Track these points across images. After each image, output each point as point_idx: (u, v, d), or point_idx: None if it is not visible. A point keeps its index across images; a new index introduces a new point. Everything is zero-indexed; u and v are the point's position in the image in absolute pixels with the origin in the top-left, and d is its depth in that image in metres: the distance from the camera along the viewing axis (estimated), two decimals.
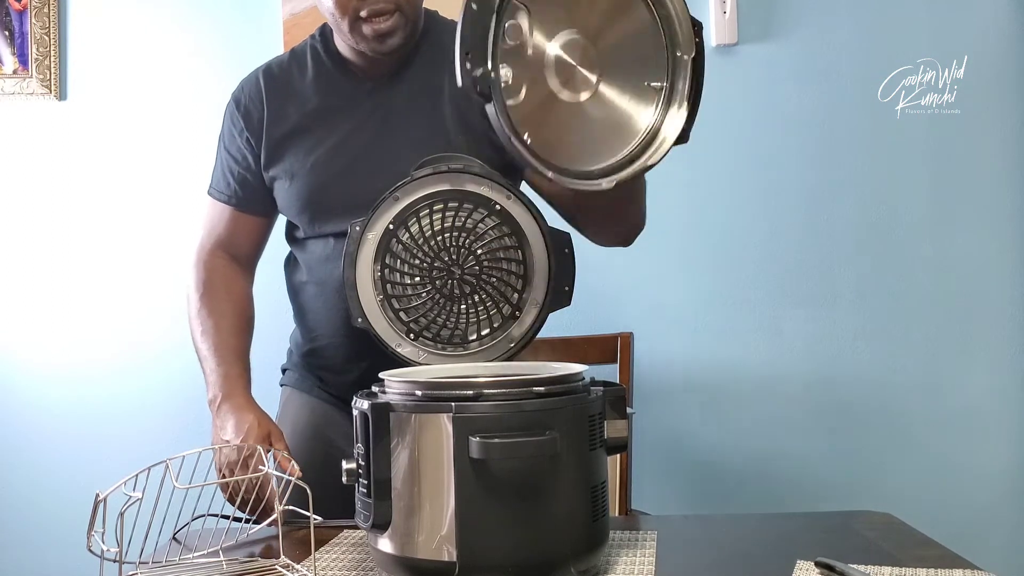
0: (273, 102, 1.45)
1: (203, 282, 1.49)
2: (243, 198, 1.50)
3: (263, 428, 1.31)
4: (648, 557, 1.07)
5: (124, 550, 0.95)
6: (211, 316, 1.46)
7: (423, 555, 0.93)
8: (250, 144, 1.47)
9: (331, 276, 1.41)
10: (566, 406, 0.95)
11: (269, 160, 1.45)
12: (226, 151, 1.51)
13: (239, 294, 1.51)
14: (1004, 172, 2.23)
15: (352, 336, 1.40)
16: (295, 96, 1.45)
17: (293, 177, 1.42)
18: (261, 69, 1.49)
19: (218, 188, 1.52)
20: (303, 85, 1.45)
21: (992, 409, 2.23)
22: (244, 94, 1.48)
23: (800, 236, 2.24)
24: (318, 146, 1.42)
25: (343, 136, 1.41)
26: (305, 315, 1.50)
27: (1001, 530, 2.23)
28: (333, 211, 1.40)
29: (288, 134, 1.44)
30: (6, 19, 2.30)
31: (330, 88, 1.44)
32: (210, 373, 1.41)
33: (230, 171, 1.50)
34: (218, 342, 1.43)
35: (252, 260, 1.56)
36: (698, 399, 2.24)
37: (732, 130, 2.23)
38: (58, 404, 2.32)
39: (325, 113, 1.43)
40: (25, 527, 2.32)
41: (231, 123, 1.49)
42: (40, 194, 2.34)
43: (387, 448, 0.95)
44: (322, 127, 1.42)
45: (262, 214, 1.52)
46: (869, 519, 1.24)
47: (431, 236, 1.23)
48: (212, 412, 1.38)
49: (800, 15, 2.23)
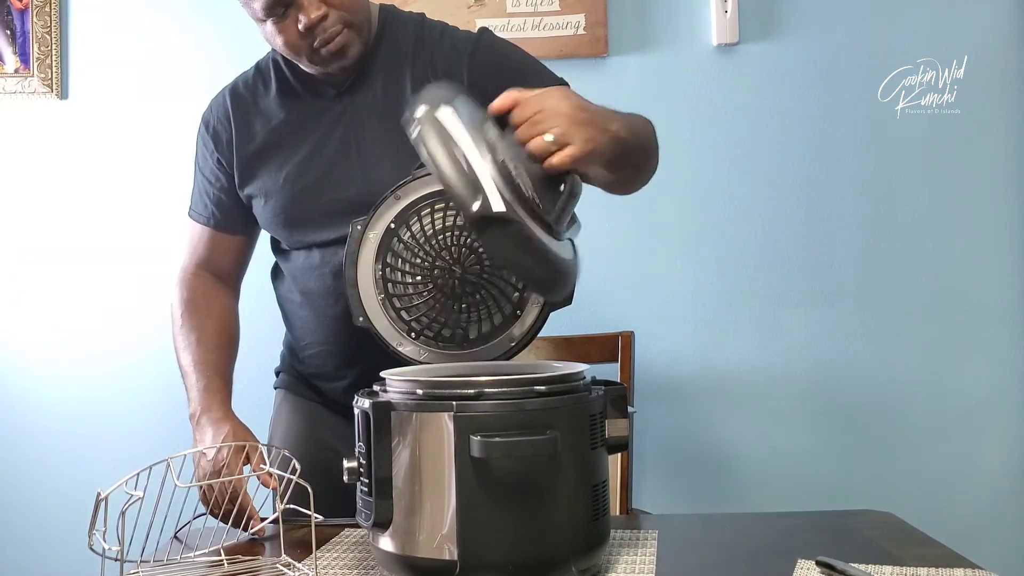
0: (240, 121, 1.45)
1: (184, 300, 1.49)
2: (221, 219, 1.50)
3: (239, 439, 1.31)
4: (649, 556, 1.07)
5: (125, 549, 0.95)
6: (192, 332, 1.46)
7: (424, 554, 0.94)
8: (221, 165, 1.47)
9: (316, 285, 1.41)
10: (567, 405, 0.95)
11: (243, 179, 1.45)
12: (201, 173, 1.51)
13: (220, 311, 1.51)
14: (1004, 172, 2.23)
15: (341, 344, 1.40)
16: (261, 113, 1.44)
17: (268, 195, 1.42)
18: (228, 88, 1.49)
19: (196, 210, 1.53)
20: (267, 101, 1.44)
21: (992, 408, 2.24)
22: (212, 115, 1.48)
23: (800, 236, 2.24)
24: (288, 161, 1.40)
25: (312, 148, 1.40)
26: (293, 324, 1.51)
27: (1001, 529, 2.23)
28: (311, 223, 1.39)
29: (258, 152, 1.43)
30: (7, 18, 2.30)
31: (294, 101, 1.43)
32: (190, 388, 1.42)
33: (206, 193, 1.51)
34: (198, 358, 1.43)
35: (236, 278, 1.57)
36: (699, 398, 2.24)
37: (732, 129, 2.23)
38: (58, 403, 2.32)
39: (292, 127, 1.42)
40: (25, 526, 2.32)
41: (203, 145, 1.50)
42: (41, 193, 2.34)
43: (388, 447, 0.95)
44: (290, 141, 1.41)
45: (242, 233, 1.52)
46: (870, 518, 1.24)
47: (432, 235, 1.22)
48: (192, 427, 1.38)
49: (801, 15, 2.23)
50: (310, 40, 1.31)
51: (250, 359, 1.55)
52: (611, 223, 2.18)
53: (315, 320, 1.44)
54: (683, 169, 2.23)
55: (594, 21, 2.20)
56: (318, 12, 1.28)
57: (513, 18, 2.20)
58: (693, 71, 2.23)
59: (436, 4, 2.13)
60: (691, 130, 2.23)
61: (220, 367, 1.44)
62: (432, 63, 1.37)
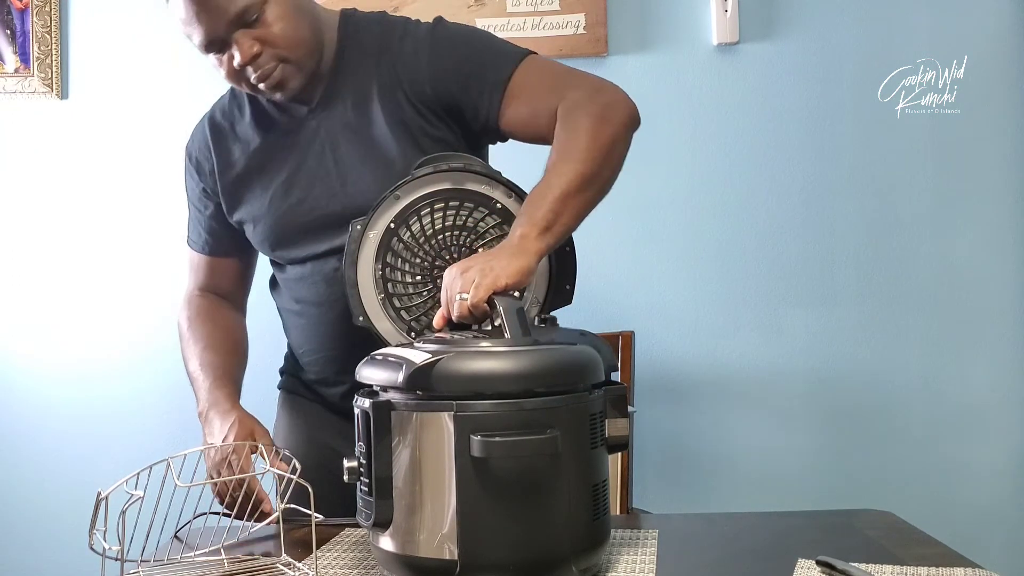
0: (220, 150, 1.45)
1: (189, 317, 1.51)
2: (215, 245, 1.52)
3: (246, 426, 1.33)
4: (649, 556, 1.07)
5: (126, 548, 0.95)
6: (198, 342, 1.48)
7: (424, 553, 0.94)
8: (207, 193, 1.48)
9: (310, 294, 1.41)
10: (567, 405, 0.95)
11: (230, 207, 1.45)
12: (191, 203, 1.53)
13: (226, 323, 1.53)
14: (1004, 172, 2.23)
15: (338, 350, 1.40)
16: (239, 139, 1.44)
17: (256, 220, 1.42)
18: (207, 116, 1.49)
19: (192, 238, 1.55)
20: (244, 126, 1.44)
21: (992, 408, 2.24)
22: (194, 145, 1.49)
23: (800, 235, 2.24)
24: (271, 184, 1.40)
25: (292, 169, 1.39)
26: (291, 332, 1.51)
27: (1002, 528, 2.23)
28: (299, 241, 1.39)
29: (241, 178, 1.43)
30: (7, 18, 2.30)
31: (268, 123, 1.42)
32: (198, 390, 1.43)
33: (198, 221, 1.52)
34: (204, 361, 1.45)
35: (240, 298, 1.58)
36: (699, 398, 2.24)
37: (733, 129, 2.23)
38: (58, 403, 2.32)
39: (270, 150, 1.41)
40: (26, 526, 2.32)
41: (188, 176, 1.51)
42: (41, 193, 2.34)
43: (388, 446, 0.95)
44: (270, 165, 1.41)
45: (238, 255, 1.53)
46: (870, 518, 1.24)
47: (432, 235, 1.23)
48: (201, 424, 1.40)
49: (801, 15, 2.23)
50: (248, 75, 1.30)
51: (254, 358, 1.55)
52: (612, 223, 2.18)
53: (311, 328, 1.44)
54: (683, 169, 2.23)
55: (594, 21, 2.20)
56: (251, 51, 1.27)
57: (513, 18, 2.20)
58: (693, 71, 2.23)
59: (436, 4, 2.13)
60: (691, 130, 2.23)
61: (227, 369, 1.45)
62: (395, 67, 1.35)
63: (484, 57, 1.33)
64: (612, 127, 1.23)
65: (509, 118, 1.32)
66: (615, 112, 1.25)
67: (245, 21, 1.26)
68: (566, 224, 1.16)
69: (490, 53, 1.34)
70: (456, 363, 0.93)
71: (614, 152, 1.23)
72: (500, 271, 1.06)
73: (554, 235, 1.14)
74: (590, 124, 1.22)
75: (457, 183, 1.23)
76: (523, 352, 0.96)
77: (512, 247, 1.11)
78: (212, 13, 1.25)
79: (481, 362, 0.94)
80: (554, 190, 1.15)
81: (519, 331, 0.99)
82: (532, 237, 1.12)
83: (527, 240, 1.11)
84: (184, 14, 1.27)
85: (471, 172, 1.23)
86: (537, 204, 1.15)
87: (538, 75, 1.32)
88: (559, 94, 1.27)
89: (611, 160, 1.23)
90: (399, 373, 0.93)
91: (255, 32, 1.27)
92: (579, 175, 1.17)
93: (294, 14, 1.30)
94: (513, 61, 1.32)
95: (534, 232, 1.12)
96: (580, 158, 1.19)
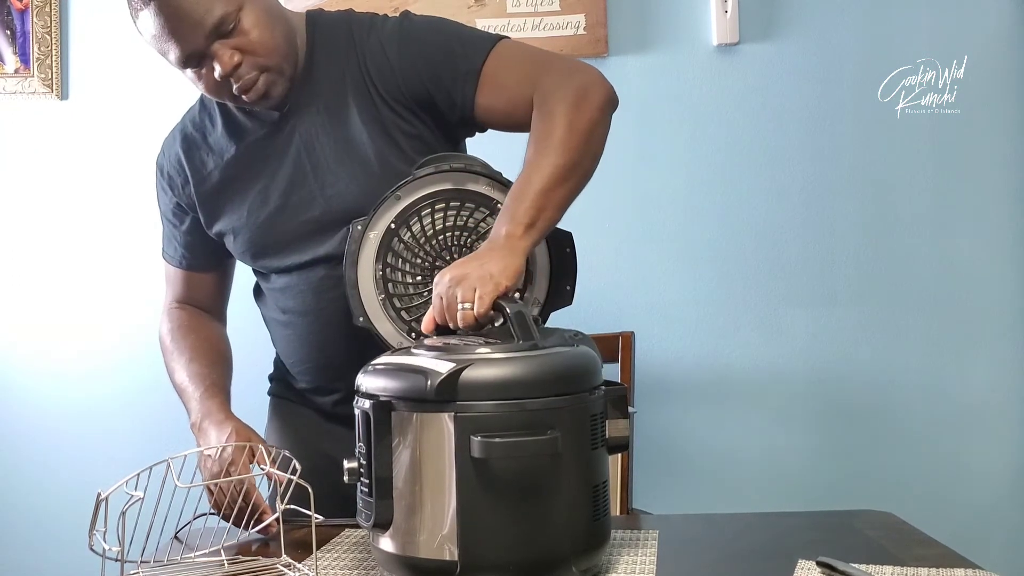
0: (193, 163, 1.42)
1: (171, 330, 1.49)
2: (192, 259, 1.50)
3: (242, 436, 1.30)
4: (649, 556, 1.07)
5: (126, 549, 0.96)
6: (183, 354, 1.45)
7: (425, 554, 0.94)
8: (181, 208, 1.46)
9: (296, 304, 1.39)
10: (568, 405, 0.95)
11: (208, 219, 1.43)
12: (164, 217, 1.50)
13: (209, 334, 1.51)
14: (1004, 172, 2.23)
15: (327, 359, 1.39)
16: (212, 151, 1.41)
17: (235, 231, 1.40)
18: (177, 128, 1.47)
19: (168, 252, 1.53)
20: (216, 137, 1.41)
21: (992, 408, 2.24)
22: (165, 159, 1.47)
23: (800, 236, 2.24)
24: (248, 194, 1.38)
25: (268, 176, 1.37)
26: (278, 342, 1.49)
27: (1002, 529, 2.23)
28: (281, 250, 1.37)
29: (217, 189, 1.41)
30: (7, 18, 2.30)
31: (241, 132, 1.39)
32: (188, 401, 1.41)
33: (173, 236, 1.50)
34: (192, 373, 1.42)
35: (219, 309, 1.56)
36: (699, 398, 2.24)
37: (732, 129, 2.23)
38: (59, 403, 2.32)
39: (245, 159, 1.39)
40: (26, 526, 2.32)
41: (160, 190, 1.49)
42: (41, 193, 2.33)
43: (389, 447, 0.95)
44: (246, 174, 1.39)
45: (215, 268, 1.51)
46: (870, 518, 1.24)
47: (433, 235, 1.23)
48: (195, 435, 1.37)
49: (801, 15, 2.23)
50: (229, 87, 1.28)
51: (243, 365, 1.54)
52: (611, 223, 2.18)
53: (299, 339, 1.42)
54: (683, 169, 2.23)
55: (594, 21, 2.20)
56: (231, 61, 1.25)
57: (513, 18, 2.20)
58: (693, 71, 2.23)
59: (436, 4, 2.13)
60: (691, 130, 2.23)
61: (216, 379, 1.42)
62: (364, 64, 1.33)
63: (454, 47, 1.31)
64: (589, 112, 1.22)
65: (484, 107, 1.30)
66: (591, 95, 1.24)
67: (222, 31, 1.24)
68: (549, 218, 1.16)
69: (459, 43, 1.32)
70: (478, 372, 0.93)
71: (592, 138, 1.22)
72: (499, 276, 1.07)
73: (538, 230, 1.15)
74: (566, 111, 1.21)
75: (458, 183, 1.23)
76: (537, 357, 0.96)
77: (501, 247, 1.11)
78: (189, 26, 1.23)
79: (503, 368, 0.94)
80: (535, 185, 1.15)
81: (530, 336, 1.00)
82: (518, 236, 1.12)
83: (513, 239, 1.12)
84: (157, 30, 1.25)
85: (472, 172, 1.23)
86: (519, 200, 1.15)
87: (510, 61, 1.30)
88: (533, 80, 1.26)
89: (590, 147, 1.22)
90: (425, 383, 0.92)
91: (233, 41, 1.25)
92: (558, 167, 1.17)
93: (268, 20, 1.28)
94: (484, 49, 1.30)
95: (519, 230, 1.12)
96: (558, 149, 1.18)
